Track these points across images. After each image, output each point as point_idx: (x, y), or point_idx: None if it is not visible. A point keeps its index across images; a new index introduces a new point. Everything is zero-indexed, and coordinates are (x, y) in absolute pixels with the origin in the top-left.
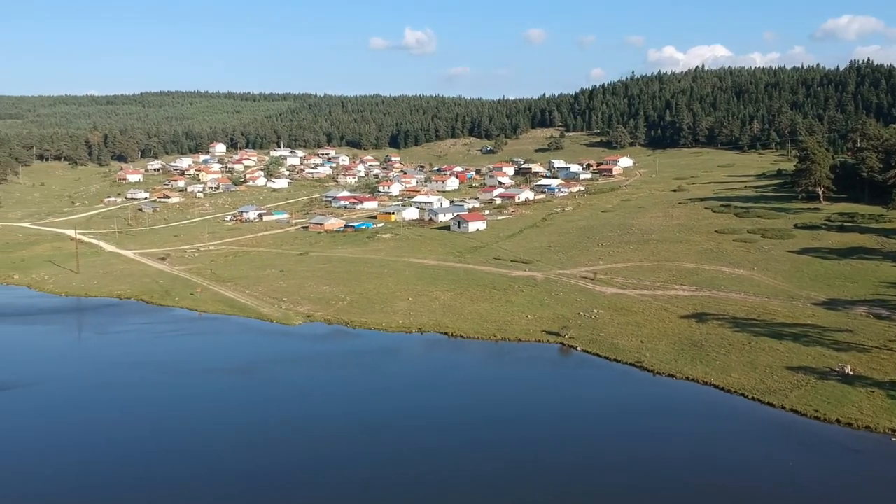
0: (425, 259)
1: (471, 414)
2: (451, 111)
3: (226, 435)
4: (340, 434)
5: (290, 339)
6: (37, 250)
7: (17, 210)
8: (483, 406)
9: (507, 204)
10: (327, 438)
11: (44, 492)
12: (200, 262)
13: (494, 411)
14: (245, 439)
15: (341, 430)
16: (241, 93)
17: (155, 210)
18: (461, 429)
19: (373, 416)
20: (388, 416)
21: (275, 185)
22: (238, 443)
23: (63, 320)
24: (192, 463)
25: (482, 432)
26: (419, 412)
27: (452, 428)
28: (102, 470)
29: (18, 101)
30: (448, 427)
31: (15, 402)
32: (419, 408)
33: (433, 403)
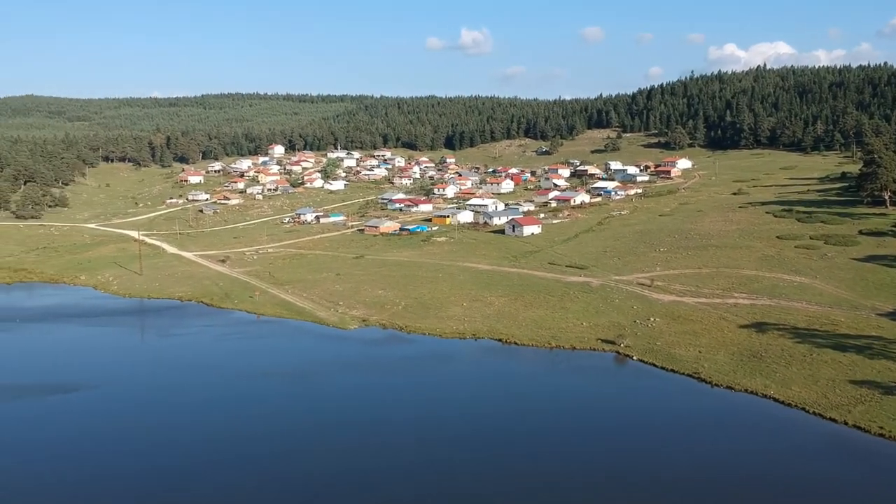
0: (480, 263)
1: (528, 426)
2: (507, 112)
3: (284, 441)
4: (401, 444)
5: (346, 344)
6: (102, 251)
7: (83, 211)
8: (540, 419)
9: (563, 207)
10: (388, 448)
11: (107, 493)
12: (259, 264)
13: (552, 424)
14: (304, 447)
15: (401, 440)
16: (299, 94)
17: (215, 212)
18: (519, 442)
19: (431, 426)
20: (445, 425)
21: (331, 187)
22: (296, 449)
23: (127, 322)
24: (252, 469)
25: (542, 445)
26: (476, 423)
27: (509, 440)
28: (163, 473)
29: (86, 104)
30: (505, 439)
31: (80, 404)
32: (475, 419)
33: (489, 414)
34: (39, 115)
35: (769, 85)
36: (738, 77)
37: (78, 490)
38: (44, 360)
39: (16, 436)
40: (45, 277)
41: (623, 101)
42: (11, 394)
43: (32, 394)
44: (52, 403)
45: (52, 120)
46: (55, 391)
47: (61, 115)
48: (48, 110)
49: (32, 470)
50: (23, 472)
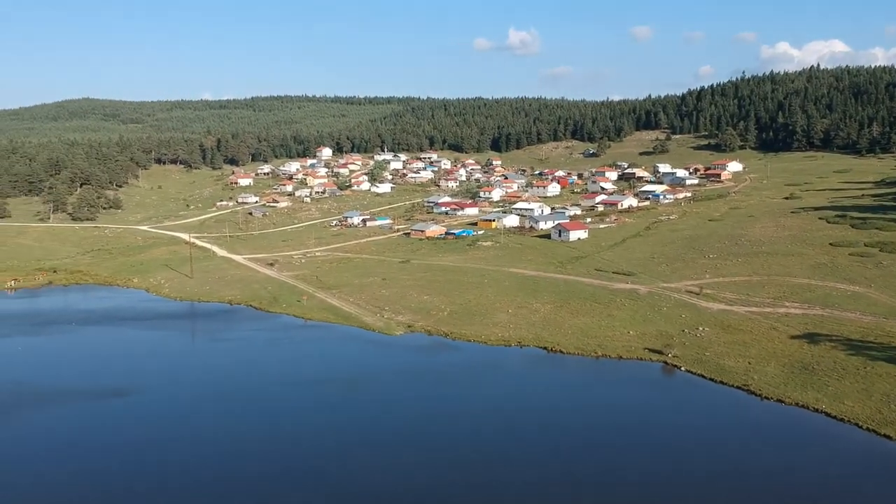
0: (525, 269)
1: (579, 440)
2: (554, 113)
3: (334, 450)
4: (454, 459)
5: (392, 351)
6: (154, 254)
7: (136, 213)
8: (591, 436)
9: (610, 211)
10: (441, 464)
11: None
12: (307, 268)
13: (603, 441)
14: (355, 457)
15: (454, 454)
16: (346, 96)
17: (264, 214)
18: (568, 458)
19: (481, 438)
20: (495, 437)
21: (378, 190)
22: (344, 462)
23: (178, 326)
24: (299, 480)
25: (595, 462)
26: (525, 440)
27: (559, 455)
28: (208, 482)
29: (139, 107)
30: (554, 454)
31: (132, 409)
32: (523, 435)
33: (536, 431)
34: (95, 118)
35: (823, 85)
36: (791, 77)
37: (128, 496)
38: (99, 363)
39: (70, 439)
40: (99, 280)
41: (672, 101)
42: (68, 397)
43: (88, 398)
44: (107, 407)
45: (107, 122)
46: (110, 395)
47: (116, 117)
48: (103, 113)
49: (83, 473)
50: (74, 475)
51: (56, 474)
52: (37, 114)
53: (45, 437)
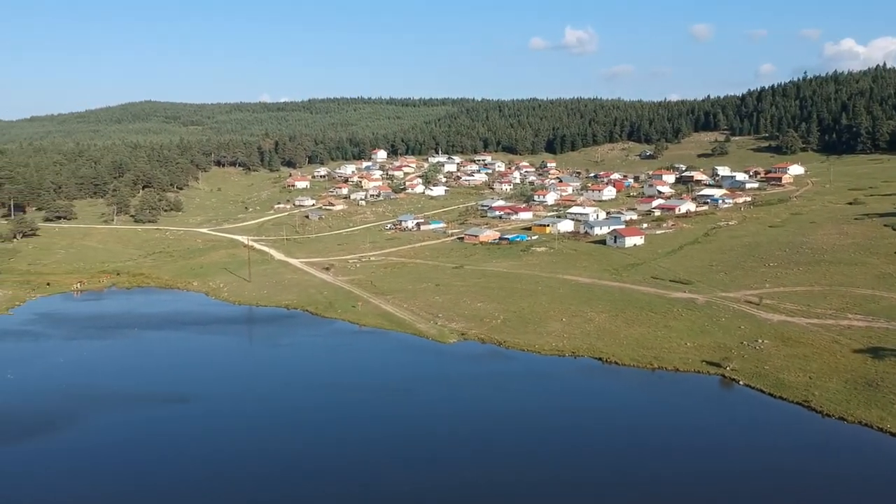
0: (580, 276)
1: (641, 467)
2: (610, 114)
3: (392, 465)
4: (513, 479)
5: (446, 359)
6: (213, 257)
7: (196, 215)
8: (650, 459)
9: (667, 216)
10: (500, 481)
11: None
12: (362, 272)
13: (664, 461)
14: (409, 469)
15: (512, 473)
16: (402, 98)
17: (321, 218)
18: (627, 481)
19: (540, 458)
20: (553, 459)
21: (432, 193)
22: (400, 471)
23: (237, 331)
24: (354, 492)
25: (658, 490)
26: (585, 460)
27: (619, 476)
28: (264, 491)
29: (199, 109)
30: (614, 475)
31: (193, 414)
32: (583, 454)
33: (593, 444)
34: (157, 120)
35: (889, 85)
36: (856, 77)
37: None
38: (159, 369)
39: (129, 446)
40: (160, 283)
41: (732, 102)
42: (129, 403)
43: (149, 403)
44: (166, 413)
45: (168, 124)
46: (171, 401)
47: (176, 119)
48: (164, 115)
49: (144, 478)
50: (128, 482)
51: (112, 482)
52: (102, 116)
53: (104, 443)
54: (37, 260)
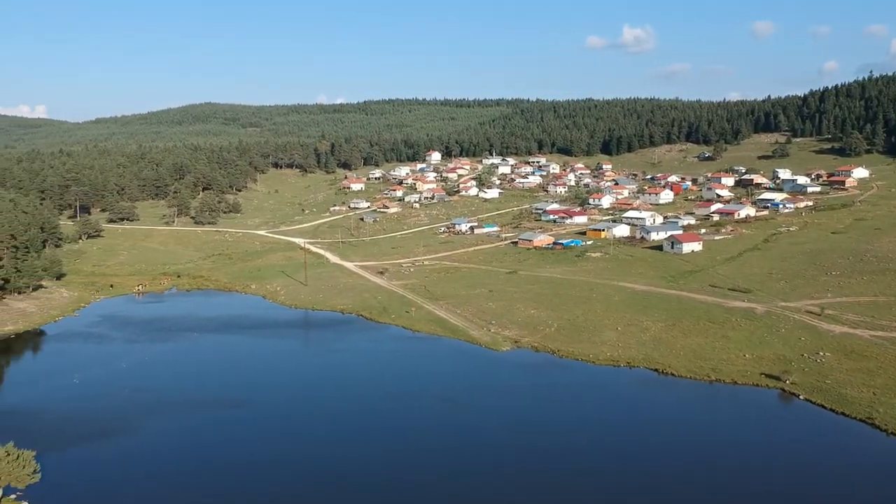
0: (635, 283)
1: (699, 481)
2: (667, 115)
3: (440, 475)
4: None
5: (499, 368)
6: (271, 259)
7: (254, 217)
8: (712, 475)
9: (726, 221)
10: (558, 491)
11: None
12: (415, 277)
13: (724, 480)
14: (463, 481)
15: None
16: (456, 99)
17: (375, 220)
18: (687, 497)
19: (596, 475)
20: (613, 470)
21: (486, 196)
22: (453, 483)
23: (293, 335)
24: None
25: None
26: (639, 469)
27: (679, 492)
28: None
29: (258, 111)
30: (675, 491)
31: (249, 420)
32: (638, 464)
33: (652, 460)
34: (216, 122)
35: None
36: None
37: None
38: (217, 373)
39: (185, 452)
40: (219, 285)
41: (793, 102)
42: (187, 408)
43: (206, 408)
44: (222, 418)
45: (228, 126)
46: (227, 407)
47: (235, 121)
48: (224, 117)
49: (195, 484)
50: (186, 485)
51: (164, 488)
52: (163, 118)
53: (158, 448)
54: (101, 261)
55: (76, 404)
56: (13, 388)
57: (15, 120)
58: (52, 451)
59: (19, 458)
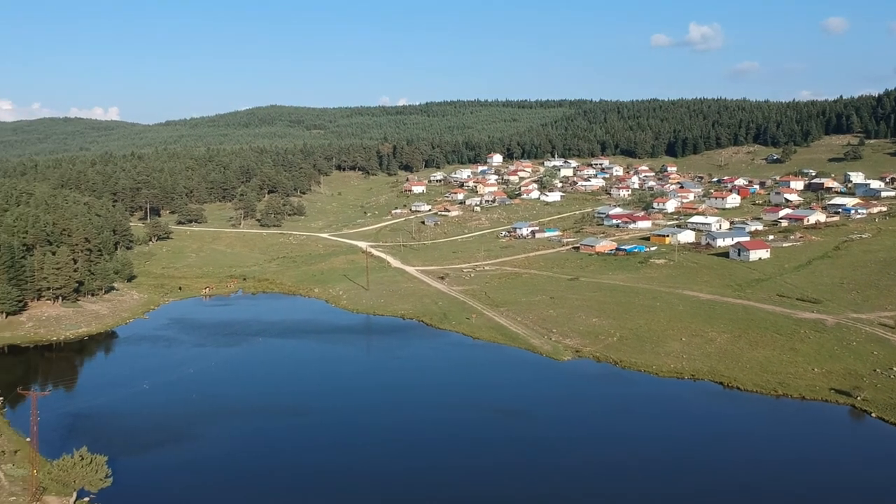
0: (700, 292)
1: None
2: (734, 116)
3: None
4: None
5: (560, 377)
6: (334, 263)
7: (318, 220)
8: (781, 494)
9: (794, 227)
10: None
11: None
12: (476, 283)
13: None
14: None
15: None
16: (518, 100)
17: (436, 224)
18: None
19: (665, 487)
20: (680, 489)
21: (547, 199)
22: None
23: (354, 340)
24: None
25: None
26: (707, 488)
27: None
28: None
29: (322, 113)
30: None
31: (309, 429)
32: (706, 483)
33: (720, 479)
34: (282, 124)
35: None
36: None
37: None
38: (280, 379)
39: (246, 459)
40: (283, 289)
41: (867, 103)
42: (252, 415)
43: (268, 415)
44: (284, 425)
45: (292, 129)
46: (288, 413)
47: (300, 123)
48: (289, 119)
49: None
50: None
51: (231, 497)
52: (230, 121)
53: (226, 455)
54: (170, 263)
55: (146, 409)
56: (87, 391)
57: (90, 122)
58: (123, 456)
59: (92, 463)
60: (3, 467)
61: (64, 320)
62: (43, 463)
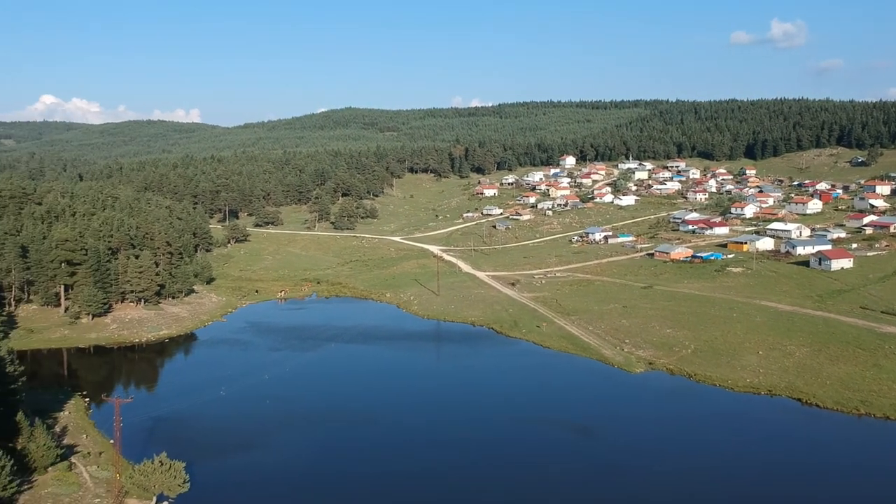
0: (779, 303)
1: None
2: (817, 117)
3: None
4: None
5: (632, 391)
6: (405, 267)
7: (390, 223)
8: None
9: (880, 235)
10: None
11: None
12: (547, 289)
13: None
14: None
15: None
16: (592, 101)
17: (507, 228)
18: None
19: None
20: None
21: (621, 203)
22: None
23: (425, 348)
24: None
25: None
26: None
27: None
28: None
29: (395, 115)
30: None
31: (375, 437)
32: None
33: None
34: (356, 127)
35: None
36: None
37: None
38: (351, 386)
39: (326, 465)
40: (356, 293)
41: None
42: (328, 422)
43: (343, 423)
44: (360, 434)
45: (366, 131)
46: (359, 422)
47: (374, 125)
48: (363, 122)
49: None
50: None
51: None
52: (306, 123)
53: (299, 463)
54: (247, 266)
55: (222, 415)
56: (167, 395)
57: (172, 125)
58: (200, 461)
59: (171, 469)
60: (89, 469)
61: (146, 322)
62: (125, 466)
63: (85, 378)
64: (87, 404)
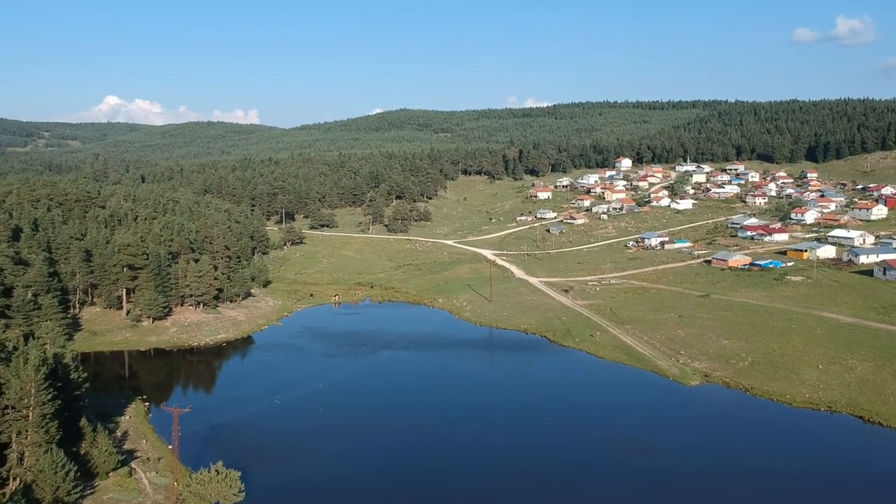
0: (840, 314)
1: None
2: (883, 118)
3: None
4: None
5: (687, 405)
6: (458, 272)
7: (443, 226)
8: None
9: None
10: None
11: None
12: (601, 297)
13: None
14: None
15: None
16: (648, 101)
17: (561, 232)
18: None
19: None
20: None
21: (678, 207)
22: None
23: (477, 356)
24: None
25: None
26: None
27: None
28: None
29: (449, 117)
30: None
31: (430, 447)
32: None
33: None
34: (410, 128)
35: None
36: None
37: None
38: (404, 395)
39: (379, 473)
40: (409, 298)
41: None
42: (380, 431)
43: (395, 431)
44: (412, 442)
45: (420, 132)
46: (416, 432)
47: (428, 127)
48: (417, 123)
49: None
50: None
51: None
52: (361, 125)
53: (351, 472)
54: (302, 269)
55: (277, 424)
56: (222, 403)
57: (231, 126)
58: (254, 469)
59: (227, 478)
60: (148, 475)
61: (204, 326)
62: (183, 474)
63: (145, 380)
64: (146, 408)
